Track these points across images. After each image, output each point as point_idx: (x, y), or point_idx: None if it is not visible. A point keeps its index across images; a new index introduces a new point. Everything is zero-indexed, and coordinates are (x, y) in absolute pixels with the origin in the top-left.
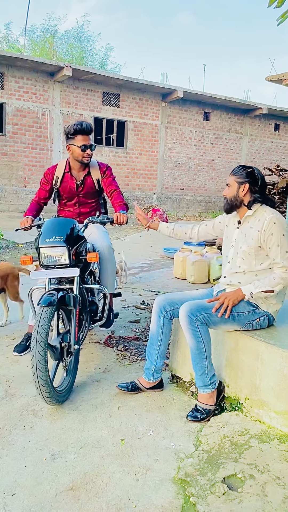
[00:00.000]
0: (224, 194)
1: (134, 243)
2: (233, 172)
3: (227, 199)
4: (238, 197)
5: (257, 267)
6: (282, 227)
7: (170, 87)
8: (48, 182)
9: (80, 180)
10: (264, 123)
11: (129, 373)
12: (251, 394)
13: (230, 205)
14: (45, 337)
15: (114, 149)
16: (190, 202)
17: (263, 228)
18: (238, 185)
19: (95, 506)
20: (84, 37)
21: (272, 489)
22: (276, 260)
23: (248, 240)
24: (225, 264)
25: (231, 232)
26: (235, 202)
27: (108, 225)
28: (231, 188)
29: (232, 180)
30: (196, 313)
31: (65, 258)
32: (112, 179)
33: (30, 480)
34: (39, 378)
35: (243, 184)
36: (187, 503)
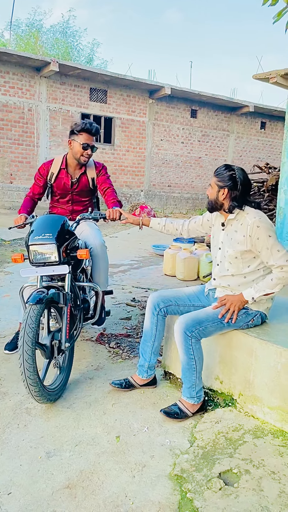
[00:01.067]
0: (207, 193)
1: (122, 240)
2: (216, 172)
3: (209, 199)
4: (217, 200)
5: (245, 270)
6: (267, 228)
7: (158, 84)
8: (42, 177)
9: (76, 178)
10: (250, 121)
11: (122, 370)
12: (244, 390)
13: (211, 206)
14: (32, 336)
15: (101, 146)
16: (178, 199)
17: (248, 234)
18: (218, 188)
19: (92, 503)
20: (70, 32)
21: (267, 483)
22: (270, 262)
23: (234, 244)
24: (214, 266)
25: (217, 233)
26: (215, 205)
27: (100, 221)
28: (212, 190)
29: (213, 182)
30: (192, 328)
31: (55, 256)
32: (107, 177)
33: (25, 478)
34: (27, 378)
35: (222, 188)
36: (184, 499)
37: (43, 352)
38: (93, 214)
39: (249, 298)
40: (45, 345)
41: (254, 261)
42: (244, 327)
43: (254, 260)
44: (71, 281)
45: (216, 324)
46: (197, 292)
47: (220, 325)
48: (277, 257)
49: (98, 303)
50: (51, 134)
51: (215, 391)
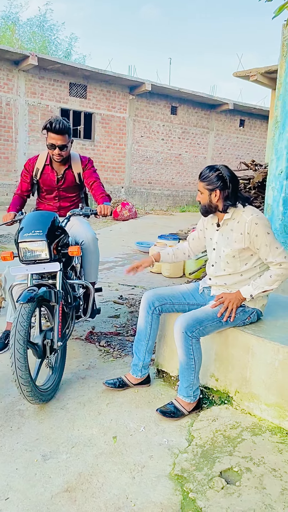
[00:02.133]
0: (198, 199)
1: (105, 237)
2: (202, 177)
3: (202, 204)
4: (211, 203)
5: (242, 268)
6: (265, 225)
7: (138, 80)
8: (28, 173)
9: (61, 174)
10: (230, 119)
11: (114, 369)
12: (241, 387)
13: (205, 210)
14: (24, 335)
15: (81, 141)
16: (158, 196)
17: (246, 231)
18: (209, 192)
19: (93, 506)
20: (47, 26)
21: (269, 481)
22: (269, 259)
23: (231, 243)
24: (209, 266)
25: (212, 234)
26: (209, 208)
27: (91, 217)
28: (203, 195)
29: (201, 187)
30: (192, 328)
31: (45, 253)
32: (93, 171)
33: (22, 483)
34: (19, 377)
35: (213, 190)
36: (186, 499)
37: (35, 352)
38: (83, 210)
39: (247, 295)
40: (37, 344)
41: (251, 258)
42: (241, 324)
43: (251, 258)
44: (62, 279)
45: (215, 323)
46: (191, 290)
47: (219, 323)
48: (276, 253)
49: (90, 297)
50: (30, 129)
51: (210, 388)
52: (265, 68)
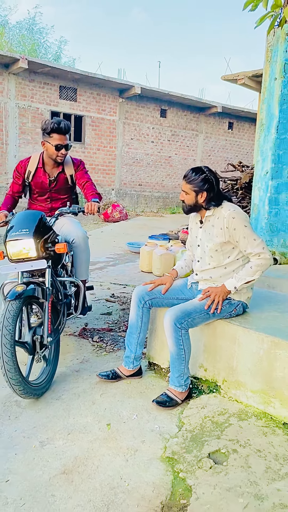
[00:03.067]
0: (182, 199)
1: (96, 238)
2: (188, 179)
3: (186, 204)
4: (197, 204)
5: (226, 261)
6: (242, 219)
7: (128, 83)
8: (20, 175)
9: (54, 176)
10: (218, 121)
11: (107, 363)
12: (228, 376)
13: (189, 209)
14: (11, 331)
15: (71, 144)
16: (148, 198)
17: (225, 226)
18: (195, 194)
19: (89, 486)
20: (36, 29)
21: (254, 460)
22: (248, 250)
23: (213, 238)
24: (195, 262)
25: (196, 231)
26: (194, 208)
27: (83, 218)
28: (188, 196)
29: (188, 188)
30: (181, 320)
31: (33, 251)
32: (85, 172)
33: (22, 466)
34: (7, 372)
35: (200, 192)
36: (177, 478)
37: (25, 349)
38: (71, 208)
39: (231, 288)
40: (27, 342)
41: (233, 251)
42: (228, 316)
43: (233, 251)
44: (51, 276)
45: (203, 315)
46: (180, 286)
47: (207, 316)
48: (254, 245)
49: (81, 294)
50: (20, 132)
51: (199, 378)
52: (252, 71)
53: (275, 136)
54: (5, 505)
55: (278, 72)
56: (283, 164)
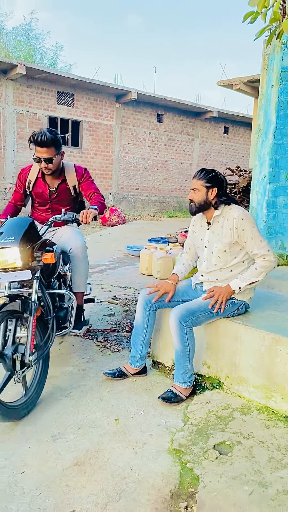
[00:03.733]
0: (191, 198)
1: (95, 242)
2: (199, 177)
3: (195, 203)
4: (207, 200)
5: (232, 262)
6: (250, 221)
7: (125, 89)
8: (21, 184)
9: (54, 187)
10: (214, 126)
11: (112, 362)
12: (231, 372)
13: (199, 208)
14: None
15: (69, 149)
16: (145, 202)
17: (234, 226)
18: (206, 190)
19: (101, 477)
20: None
21: (258, 451)
22: (254, 251)
23: (222, 239)
24: (201, 264)
25: (202, 234)
26: (204, 205)
27: None
28: (199, 192)
29: (199, 185)
30: (186, 318)
31: (17, 260)
32: (91, 181)
33: (36, 459)
34: None
35: (211, 188)
36: (184, 468)
37: (3, 363)
38: (66, 215)
39: (236, 288)
40: (6, 355)
41: (240, 252)
42: (230, 315)
43: (240, 252)
44: (40, 288)
45: (207, 314)
46: (184, 288)
47: (210, 314)
48: (260, 246)
49: (73, 308)
50: (18, 137)
51: (202, 375)
52: (247, 77)
53: (273, 142)
54: (22, 495)
55: (274, 80)
56: (280, 169)
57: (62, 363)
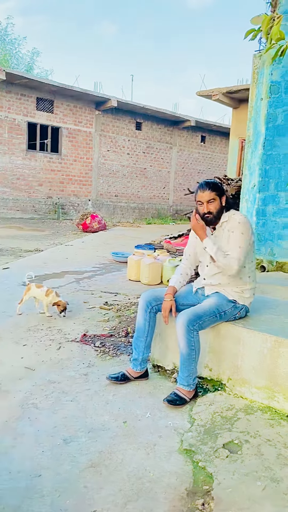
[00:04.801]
0: (208, 210)
1: (79, 249)
2: (211, 187)
3: (214, 213)
4: (222, 208)
5: None
6: (244, 227)
7: (104, 96)
8: None
9: None
10: (191, 135)
11: (112, 366)
12: (233, 374)
13: (216, 217)
14: None
15: (48, 155)
16: (124, 209)
17: (232, 229)
18: (219, 198)
19: (117, 477)
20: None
21: (266, 449)
22: (228, 252)
23: (224, 241)
24: (203, 268)
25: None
26: (220, 214)
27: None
28: (215, 202)
29: (214, 195)
30: (193, 323)
31: None
32: None
33: (51, 462)
34: None
35: (222, 196)
36: (197, 467)
37: None
38: None
39: (207, 243)
40: None
41: None
42: (232, 319)
43: None
44: None
45: (212, 318)
46: (184, 292)
47: (215, 318)
48: (234, 252)
49: None
50: None
51: (204, 378)
52: (226, 88)
53: (262, 152)
54: (42, 497)
55: (264, 93)
56: (269, 178)
57: (63, 368)
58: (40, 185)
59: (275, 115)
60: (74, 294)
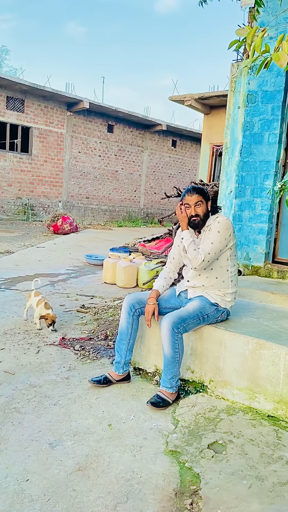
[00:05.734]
0: (197, 212)
1: (51, 251)
2: (198, 191)
3: (201, 216)
4: (208, 212)
5: (217, 267)
6: (222, 226)
7: (76, 98)
8: None
9: None
10: (163, 139)
11: (94, 370)
12: (215, 376)
13: (203, 220)
14: None
15: (18, 155)
16: (95, 211)
17: (212, 228)
18: (206, 202)
19: (105, 480)
20: None
21: (249, 448)
22: (201, 246)
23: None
24: (188, 270)
25: None
26: (206, 217)
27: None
28: (203, 205)
29: (201, 198)
30: (178, 325)
31: None
32: None
33: (38, 466)
34: None
35: (209, 201)
36: (183, 468)
37: None
38: None
39: (186, 232)
40: None
41: (222, 255)
42: (214, 322)
43: (223, 255)
44: None
45: (196, 321)
46: (167, 296)
47: (198, 321)
48: (207, 246)
49: None
50: None
51: (186, 380)
52: (198, 94)
53: (239, 159)
54: (31, 502)
55: (241, 102)
56: (246, 185)
57: (44, 372)
58: (9, 185)
59: (252, 123)
60: (50, 297)
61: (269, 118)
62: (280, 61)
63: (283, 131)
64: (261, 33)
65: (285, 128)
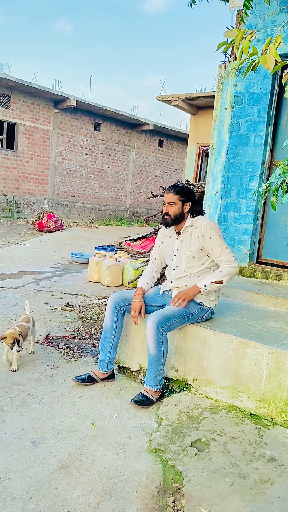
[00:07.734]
0: (166, 211)
1: (36, 248)
2: (174, 191)
3: (171, 216)
4: (183, 213)
5: (200, 268)
6: (217, 230)
7: (63, 95)
8: None
9: None
10: (149, 138)
11: (78, 368)
12: (199, 375)
13: (174, 221)
14: None
15: (3, 151)
16: (81, 209)
17: (202, 234)
18: (182, 203)
19: (88, 478)
20: None
21: (232, 446)
22: (220, 257)
23: (191, 246)
24: (170, 271)
25: (171, 244)
26: (179, 218)
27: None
28: (175, 206)
29: (176, 199)
30: (162, 324)
31: None
32: None
33: (20, 465)
34: None
35: (186, 202)
36: (166, 466)
37: None
38: None
39: (202, 286)
40: None
41: (207, 259)
42: (199, 321)
43: (207, 258)
44: None
45: (180, 320)
46: (152, 294)
47: (183, 320)
48: (226, 252)
49: None
50: None
51: (170, 379)
52: (185, 95)
53: (225, 160)
54: (13, 500)
55: (228, 103)
56: (231, 185)
57: (27, 370)
58: None
59: (239, 125)
60: (34, 295)
61: (255, 120)
62: (267, 63)
63: (268, 133)
64: (249, 36)
65: (271, 130)
